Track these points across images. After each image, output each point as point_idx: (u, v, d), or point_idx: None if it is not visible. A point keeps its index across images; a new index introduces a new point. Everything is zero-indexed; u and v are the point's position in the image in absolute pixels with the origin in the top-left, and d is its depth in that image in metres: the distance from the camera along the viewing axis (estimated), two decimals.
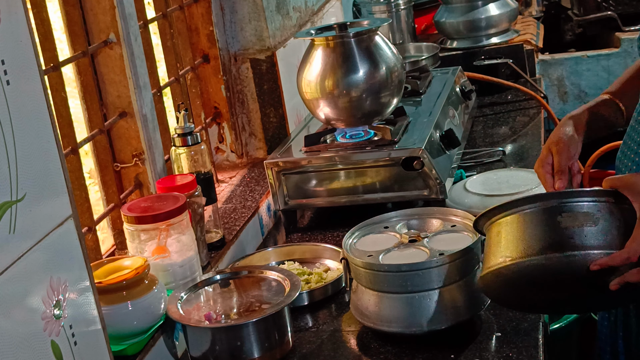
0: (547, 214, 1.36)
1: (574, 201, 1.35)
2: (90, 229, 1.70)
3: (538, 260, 1.33)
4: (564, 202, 1.36)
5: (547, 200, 1.38)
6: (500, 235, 1.40)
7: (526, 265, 1.34)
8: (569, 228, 1.33)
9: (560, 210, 1.35)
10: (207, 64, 2.32)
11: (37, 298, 1.14)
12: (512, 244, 1.37)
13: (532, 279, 1.35)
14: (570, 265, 1.31)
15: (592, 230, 1.32)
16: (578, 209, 1.34)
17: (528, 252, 1.34)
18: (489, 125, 2.63)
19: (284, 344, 1.55)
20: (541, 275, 1.34)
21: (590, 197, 1.36)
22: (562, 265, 1.32)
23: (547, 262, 1.32)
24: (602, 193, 1.36)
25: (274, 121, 2.39)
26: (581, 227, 1.33)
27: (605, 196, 1.36)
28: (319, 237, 2.07)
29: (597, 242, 1.32)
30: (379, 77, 2.06)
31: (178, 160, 1.85)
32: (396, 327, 1.53)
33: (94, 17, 1.77)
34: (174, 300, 1.57)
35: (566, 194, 1.41)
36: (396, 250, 1.60)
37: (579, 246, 1.32)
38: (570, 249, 1.32)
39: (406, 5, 3.29)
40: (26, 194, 1.13)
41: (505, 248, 1.38)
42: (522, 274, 1.35)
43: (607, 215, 1.34)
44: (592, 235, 1.32)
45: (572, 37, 4.31)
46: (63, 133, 1.66)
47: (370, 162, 2.03)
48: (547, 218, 1.35)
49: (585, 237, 1.32)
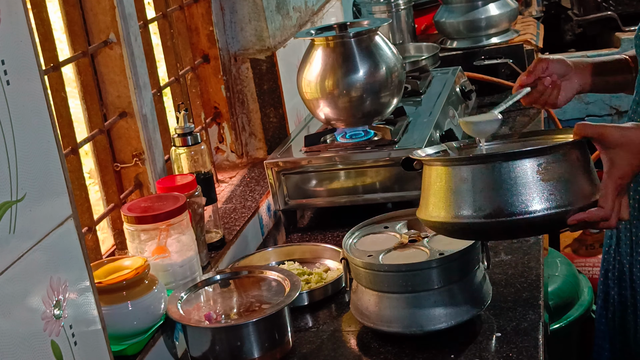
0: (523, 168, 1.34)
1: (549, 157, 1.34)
2: (90, 229, 1.70)
3: (513, 219, 1.32)
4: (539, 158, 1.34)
5: None
6: (456, 183, 1.39)
7: (499, 222, 1.34)
8: (548, 182, 1.32)
9: (537, 166, 1.33)
10: (207, 64, 2.32)
11: (37, 298, 1.14)
12: (479, 196, 1.35)
13: (498, 231, 1.37)
14: (550, 218, 1.32)
15: (564, 182, 1.32)
16: (554, 162, 1.34)
17: (500, 209, 1.33)
18: None
19: (284, 344, 1.55)
20: (511, 227, 1.34)
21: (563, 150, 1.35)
22: (543, 220, 1.32)
23: (524, 219, 1.32)
24: (573, 145, 1.36)
25: (274, 121, 2.39)
26: (558, 181, 1.32)
27: (572, 148, 1.36)
28: (319, 237, 2.07)
29: (572, 196, 1.32)
30: (379, 77, 2.07)
31: (178, 160, 1.85)
32: (396, 327, 1.53)
33: (94, 17, 1.77)
34: (174, 300, 1.57)
35: (542, 150, 1.37)
36: (396, 250, 1.60)
37: (559, 202, 1.32)
38: (552, 205, 1.32)
39: (406, 5, 3.29)
40: (26, 194, 1.13)
41: (466, 199, 1.36)
42: (490, 228, 1.36)
43: (579, 167, 1.34)
44: (568, 189, 1.32)
45: (572, 37, 4.31)
46: (63, 133, 1.66)
47: (370, 162, 2.03)
48: (523, 173, 1.34)
49: (561, 191, 1.32)
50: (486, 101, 2.83)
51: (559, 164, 1.33)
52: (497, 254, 1.81)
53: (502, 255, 1.80)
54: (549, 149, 1.34)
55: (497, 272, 1.73)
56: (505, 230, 1.36)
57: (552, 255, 2.98)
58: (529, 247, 1.82)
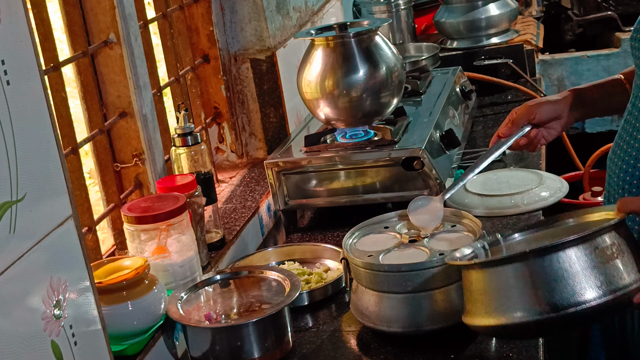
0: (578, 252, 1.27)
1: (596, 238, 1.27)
2: (90, 229, 1.70)
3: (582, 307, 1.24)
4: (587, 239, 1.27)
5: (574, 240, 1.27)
6: (512, 282, 1.29)
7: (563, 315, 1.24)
8: (606, 264, 1.25)
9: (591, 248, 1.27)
10: (207, 64, 2.32)
11: (37, 298, 1.14)
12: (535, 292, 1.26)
13: (566, 324, 1.29)
14: (616, 301, 1.25)
15: (622, 262, 1.26)
16: (602, 244, 1.27)
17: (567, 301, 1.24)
18: (489, 125, 2.63)
19: (284, 344, 1.55)
20: (579, 318, 1.26)
21: (610, 230, 1.29)
22: (608, 304, 1.25)
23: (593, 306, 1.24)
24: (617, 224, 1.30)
25: (274, 121, 2.39)
26: (613, 261, 1.26)
27: (621, 225, 1.30)
28: (319, 237, 2.07)
29: (633, 274, 1.26)
30: (379, 77, 2.07)
31: (178, 160, 1.85)
32: (396, 327, 1.53)
33: (94, 17, 1.77)
34: (174, 300, 1.57)
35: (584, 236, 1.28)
36: (396, 250, 1.60)
37: (622, 283, 1.25)
38: (617, 287, 1.24)
39: (406, 5, 3.29)
40: (26, 194, 1.13)
41: (525, 297, 1.27)
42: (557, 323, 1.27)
43: (631, 242, 1.29)
44: (627, 267, 1.26)
45: (572, 37, 4.31)
46: (63, 133, 1.66)
47: (370, 162, 2.03)
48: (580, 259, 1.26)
49: (621, 271, 1.26)
50: (486, 101, 2.83)
51: (614, 244, 1.27)
52: None
53: None
54: (601, 230, 1.27)
55: None
56: (572, 321, 1.28)
57: None
58: None
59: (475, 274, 1.34)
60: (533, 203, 2.01)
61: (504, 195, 2.04)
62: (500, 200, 2.03)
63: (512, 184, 2.09)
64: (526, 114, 1.77)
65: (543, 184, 2.07)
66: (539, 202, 2.01)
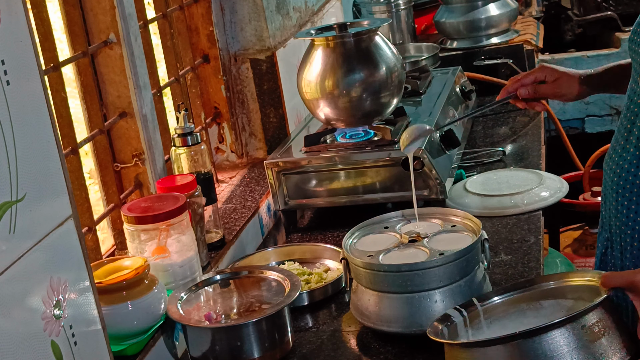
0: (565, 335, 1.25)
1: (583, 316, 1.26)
2: (90, 229, 1.70)
3: None
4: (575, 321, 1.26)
5: None
6: None
7: None
8: (594, 343, 1.24)
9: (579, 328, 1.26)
10: (207, 64, 2.32)
11: (37, 298, 1.14)
12: None
13: None
14: None
15: (608, 339, 1.26)
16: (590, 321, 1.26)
17: None
18: (489, 125, 2.63)
19: (284, 344, 1.55)
20: None
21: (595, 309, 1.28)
22: None
23: None
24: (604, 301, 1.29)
25: (274, 121, 2.39)
26: (600, 340, 1.25)
27: (607, 301, 1.29)
28: (319, 237, 2.07)
29: (620, 350, 1.25)
30: (379, 77, 2.06)
31: (178, 161, 1.85)
32: (396, 327, 1.53)
33: (94, 17, 1.77)
34: (174, 300, 1.57)
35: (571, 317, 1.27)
36: (396, 250, 1.60)
37: None
38: None
39: (406, 5, 3.29)
40: (26, 194, 1.13)
41: None
42: None
43: (613, 318, 1.28)
44: (611, 345, 1.25)
45: (572, 37, 4.31)
46: (63, 133, 1.66)
47: (370, 162, 2.03)
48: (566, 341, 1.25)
49: (605, 350, 1.25)
50: (486, 101, 2.83)
51: (600, 321, 1.26)
52: (497, 254, 1.81)
53: (502, 255, 1.80)
54: (588, 309, 1.26)
55: (497, 272, 1.73)
56: None
57: (552, 255, 2.98)
58: (529, 247, 1.82)
59: (462, 353, 1.31)
60: (533, 203, 2.01)
61: (504, 195, 2.04)
62: (500, 200, 2.03)
63: (512, 184, 2.09)
64: (533, 75, 1.83)
65: (543, 184, 2.07)
66: (539, 202, 2.01)
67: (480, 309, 1.45)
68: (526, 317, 1.41)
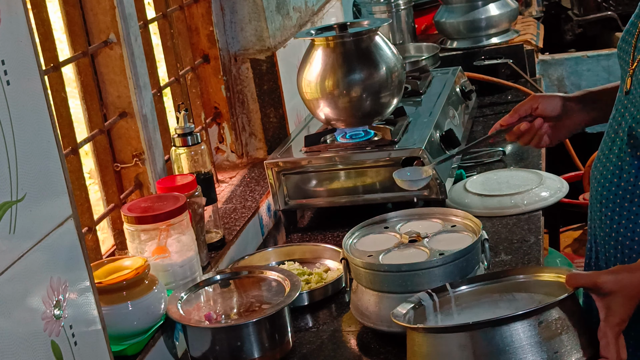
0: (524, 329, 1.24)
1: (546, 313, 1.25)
2: (90, 229, 1.70)
3: None
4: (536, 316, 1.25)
5: None
6: (452, 351, 1.25)
7: None
8: (550, 340, 1.24)
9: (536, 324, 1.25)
10: (207, 64, 2.32)
11: (37, 298, 1.14)
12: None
13: None
14: None
15: (567, 337, 1.25)
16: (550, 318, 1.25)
17: None
18: (489, 126, 2.62)
19: (284, 344, 1.55)
20: None
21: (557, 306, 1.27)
22: None
23: None
24: (566, 300, 1.27)
25: (274, 121, 2.39)
26: (558, 337, 1.24)
27: (569, 300, 1.28)
28: (319, 237, 2.07)
29: (575, 350, 1.24)
30: (379, 77, 2.06)
31: (178, 161, 1.85)
32: (396, 327, 1.52)
33: (94, 17, 1.77)
34: (174, 300, 1.57)
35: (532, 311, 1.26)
36: (396, 250, 1.60)
37: None
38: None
39: (406, 5, 3.29)
40: (26, 194, 1.13)
41: None
42: None
43: (577, 317, 1.27)
44: (570, 343, 1.25)
45: (572, 37, 4.31)
46: (63, 133, 1.66)
47: (370, 162, 2.03)
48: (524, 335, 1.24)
49: (563, 347, 1.24)
50: (486, 101, 2.83)
51: (560, 319, 1.25)
52: (497, 254, 1.81)
53: (502, 255, 1.80)
54: (548, 305, 1.25)
55: None
56: None
57: (552, 255, 2.98)
58: (529, 248, 1.82)
59: (419, 337, 1.30)
60: (533, 203, 2.01)
61: (504, 195, 2.04)
62: (500, 200, 2.03)
63: (512, 184, 2.09)
64: (529, 103, 1.73)
65: (543, 184, 2.07)
66: (539, 202, 2.01)
67: (453, 295, 1.43)
68: (498, 307, 1.40)
